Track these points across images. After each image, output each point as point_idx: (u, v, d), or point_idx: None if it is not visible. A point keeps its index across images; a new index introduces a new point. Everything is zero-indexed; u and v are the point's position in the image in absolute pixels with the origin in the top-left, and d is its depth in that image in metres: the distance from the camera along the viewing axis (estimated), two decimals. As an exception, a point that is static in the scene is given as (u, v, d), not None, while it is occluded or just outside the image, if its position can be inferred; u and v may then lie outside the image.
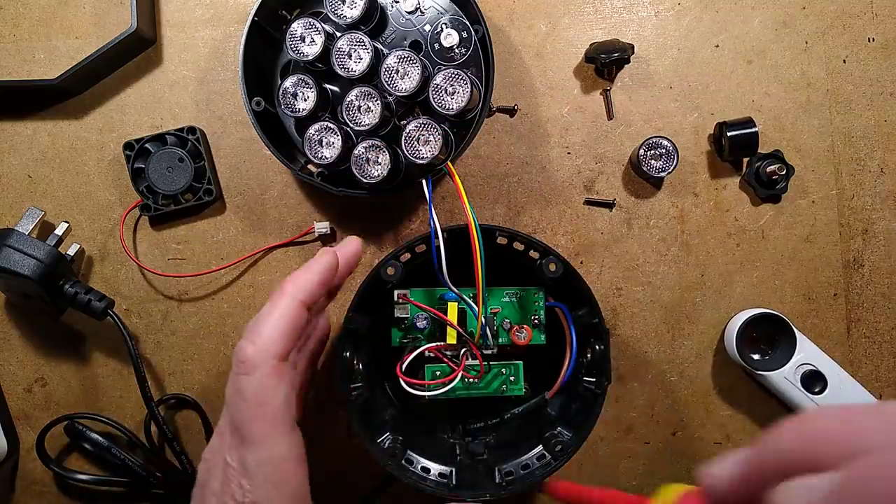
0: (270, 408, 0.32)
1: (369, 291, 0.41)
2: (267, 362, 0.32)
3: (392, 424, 0.44)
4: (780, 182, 0.49)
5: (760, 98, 0.50)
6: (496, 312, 0.45)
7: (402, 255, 0.42)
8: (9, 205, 0.50)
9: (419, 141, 0.41)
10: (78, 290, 0.46)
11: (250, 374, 0.32)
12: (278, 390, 0.33)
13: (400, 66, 0.42)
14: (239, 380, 0.32)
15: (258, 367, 0.32)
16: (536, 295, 0.45)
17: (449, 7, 0.45)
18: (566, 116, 0.50)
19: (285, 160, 0.44)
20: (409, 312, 0.45)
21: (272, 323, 0.33)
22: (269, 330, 0.33)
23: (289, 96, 0.43)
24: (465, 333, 0.43)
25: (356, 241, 0.40)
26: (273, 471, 0.32)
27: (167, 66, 0.50)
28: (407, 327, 0.45)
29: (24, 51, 0.50)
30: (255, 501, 0.32)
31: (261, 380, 0.32)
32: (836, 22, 0.50)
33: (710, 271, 0.50)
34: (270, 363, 0.32)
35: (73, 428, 0.49)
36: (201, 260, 0.50)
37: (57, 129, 0.50)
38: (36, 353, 0.50)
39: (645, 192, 0.50)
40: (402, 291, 0.45)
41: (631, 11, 0.50)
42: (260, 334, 0.33)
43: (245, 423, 0.32)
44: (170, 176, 0.48)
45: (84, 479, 0.49)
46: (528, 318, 0.45)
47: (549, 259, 0.41)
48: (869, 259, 0.50)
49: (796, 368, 0.47)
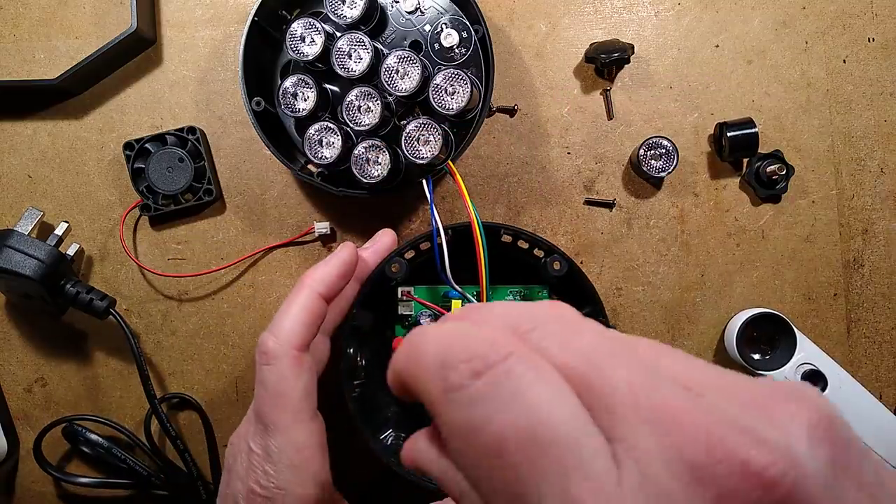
0: (290, 397, 0.34)
1: (374, 288, 0.42)
2: (288, 353, 0.34)
3: (395, 421, 0.45)
4: (780, 182, 0.49)
5: (760, 98, 0.50)
6: None
7: (407, 253, 0.42)
8: (9, 205, 0.50)
9: (419, 141, 0.41)
10: (79, 290, 0.46)
11: (271, 365, 0.34)
12: (299, 380, 0.35)
13: (400, 66, 0.42)
14: (262, 370, 0.35)
15: (279, 358, 0.34)
16: (540, 294, 0.45)
17: (449, 7, 0.45)
18: (566, 116, 0.50)
19: (285, 160, 0.44)
20: (414, 310, 0.45)
21: (292, 315, 0.35)
22: (290, 322, 0.35)
23: (289, 96, 0.43)
24: None
25: (391, 234, 0.44)
26: (295, 456, 0.34)
27: (167, 66, 0.50)
28: (411, 325, 0.45)
29: (24, 51, 0.50)
30: (278, 486, 0.34)
31: (281, 370, 0.34)
32: (836, 22, 0.50)
33: (710, 271, 0.50)
34: (291, 354, 0.34)
35: (71, 430, 0.49)
36: (201, 260, 0.50)
37: (57, 129, 0.50)
38: (36, 353, 0.50)
39: (645, 192, 0.50)
40: (406, 289, 0.45)
41: (631, 11, 0.50)
42: (281, 327, 0.35)
43: (267, 411, 0.34)
44: (170, 176, 0.48)
45: (85, 482, 0.49)
46: None
47: (553, 257, 0.41)
48: (869, 259, 0.50)
49: (796, 368, 0.47)
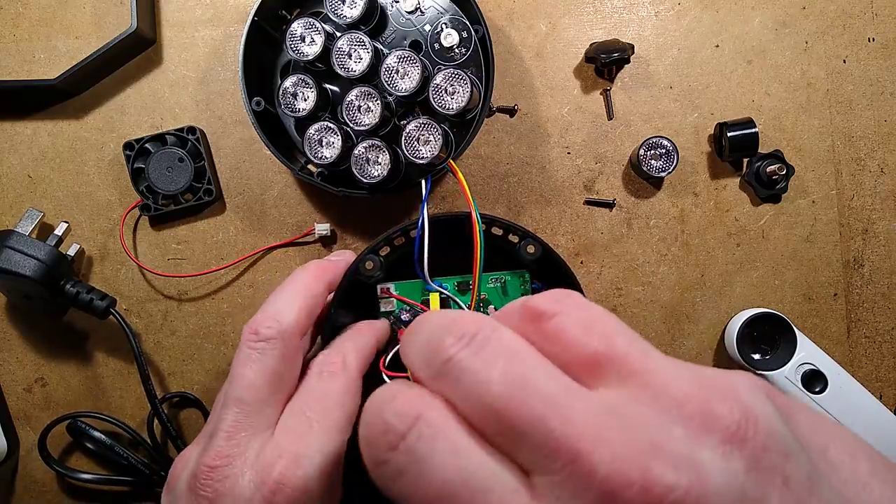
0: (288, 384, 0.33)
1: (350, 287, 0.41)
2: (294, 335, 0.33)
3: None
4: (780, 182, 0.49)
5: (760, 98, 0.50)
6: (482, 299, 0.45)
7: (381, 249, 0.42)
8: (9, 205, 0.50)
9: (419, 141, 0.41)
10: (80, 290, 0.46)
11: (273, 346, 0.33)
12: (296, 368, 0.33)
13: (400, 66, 0.42)
14: (255, 351, 0.33)
15: (284, 340, 0.33)
16: (522, 278, 0.45)
17: (449, 7, 0.45)
18: (566, 116, 0.50)
19: (285, 160, 0.44)
20: (395, 306, 0.45)
21: (296, 298, 0.34)
22: (292, 305, 0.34)
23: (289, 96, 0.43)
24: None
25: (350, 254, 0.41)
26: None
27: (167, 66, 0.50)
28: (394, 321, 0.45)
29: (24, 51, 0.50)
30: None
31: (284, 352, 0.33)
32: (836, 22, 0.50)
33: (710, 271, 0.50)
34: (295, 337, 0.33)
35: (75, 427, 0.49)
36: (201, 260, 0.50)
37: (57, 129, 0.50)
38: (36, 353, 0.50)
39: (645, 192, 0.50)
40: (385, 286, 0.44)
41: (631, 11, 0.50)
42: (282, 309, 0.33)
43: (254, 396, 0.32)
44: (170, 176, 0.48)
45: (87, 478, 0.49)
46: None
47: (527, 241, 0.41)
48: (869, 259, 0.50)
49: (797, 368, 0.47)
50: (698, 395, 0.16)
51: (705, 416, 0.16)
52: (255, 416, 0.31)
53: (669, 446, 0.15)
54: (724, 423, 0.16)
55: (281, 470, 0.29)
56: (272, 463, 0.29)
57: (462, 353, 0.18)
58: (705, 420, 0.16)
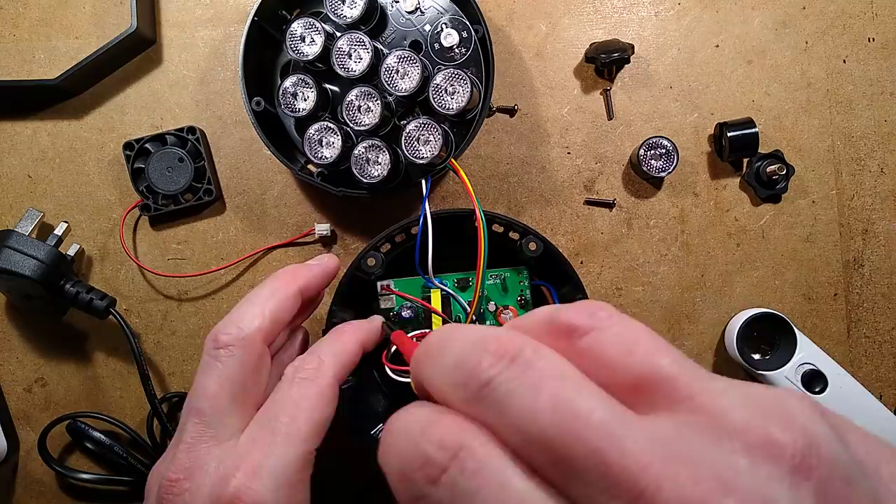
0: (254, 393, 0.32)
1: (351, 284, 0.42)
2: (255, 340, 0.32)
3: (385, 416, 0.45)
4: (780, 182, 0.49)
5: (760, 98, 0.50)
6: (482, 296, 0.45)
7: (383, 246, 0.42)
8: (9, 205, 0.50)
9: (419, 141, 0.41)
10: (79, 290, 0.46)
11: (232, 352, 0.32)
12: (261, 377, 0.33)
13: (400, 66, 0.42)
14: (216, 359, 0.32)
15: (243, 347, 0.32)
16: (521, 275, 0.45)
17: (449, 7, 0.45)
18: (566, 116, 0.50)
19: (285, 160, 0.44)
20: (395, 303, 0.45)
21: (260, 304, 0.33)
22: (256, 310, 0.33)
23: (289, 96, 0.43)
24: (450, 320, 0.43)
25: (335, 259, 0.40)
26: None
27: (167, 66, 0.50)
28: (394, 318, 0.45)
29: (24, 51, 0.50)
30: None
31: (244, 359, 0.32)
32: (836, 22, 0.50)
33: (710, 271, 0.50)
34: (257, 343, 0.32)
35: (75, 427, 0.49)
36: (201, 260, 0.50)
37: (57, 129, 0.50)
38: (36, 353, 0.50)
39: (645, 192, 0.50)
40: (385, 282, 0.45)
41: (631, 11, 0.50)
42: (243, 315, 0.33)
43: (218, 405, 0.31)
44: (170, 176, 0.48)
45: (87, 478, 0.49)
46: (513, 299, 0.45)
47: (528, 238, 0.41)
48: (869, 259, 0.50)
49: (797, 368, 0.47)
50: (757, 421, 0.15)
51: (769, 446, 0.15)
52: (217, 427, 0.30)
53: (737, 482, 0.14)
54: (789, 452, 0.15)
55: (237, 484, 0.28)
56: (229, 475, 0.28)
57: (503, 376, 0.17)
58: (770, 450, 0.15)
